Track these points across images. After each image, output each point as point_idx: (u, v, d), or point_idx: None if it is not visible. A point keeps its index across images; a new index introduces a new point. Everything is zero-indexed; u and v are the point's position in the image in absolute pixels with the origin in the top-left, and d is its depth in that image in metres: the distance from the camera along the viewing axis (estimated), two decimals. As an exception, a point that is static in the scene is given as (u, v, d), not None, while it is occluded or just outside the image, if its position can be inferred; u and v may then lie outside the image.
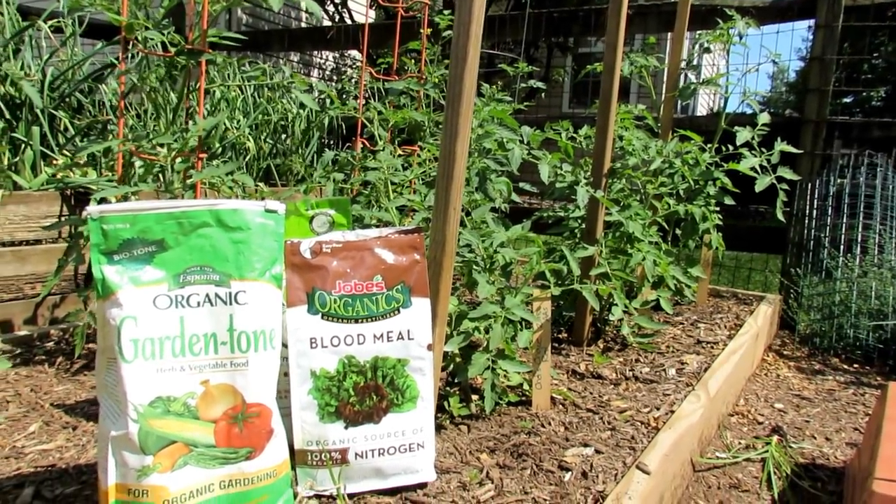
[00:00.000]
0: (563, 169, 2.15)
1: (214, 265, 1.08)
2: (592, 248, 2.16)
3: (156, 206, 1.05)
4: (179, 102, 1.88)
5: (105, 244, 1.02)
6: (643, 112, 2.60)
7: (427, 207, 1.84)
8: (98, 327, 1.06)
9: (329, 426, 1.24)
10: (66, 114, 3.45)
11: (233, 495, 1.09)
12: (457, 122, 1.41)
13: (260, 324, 1.10)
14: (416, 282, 1.31)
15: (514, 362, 1.65)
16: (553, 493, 1.32)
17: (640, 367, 2.11)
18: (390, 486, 1.29)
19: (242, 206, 1.10)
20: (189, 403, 1.05)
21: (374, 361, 1.27)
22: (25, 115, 3.23)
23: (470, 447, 1.50)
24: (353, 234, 1.30)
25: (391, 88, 2.42)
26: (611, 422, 1.67)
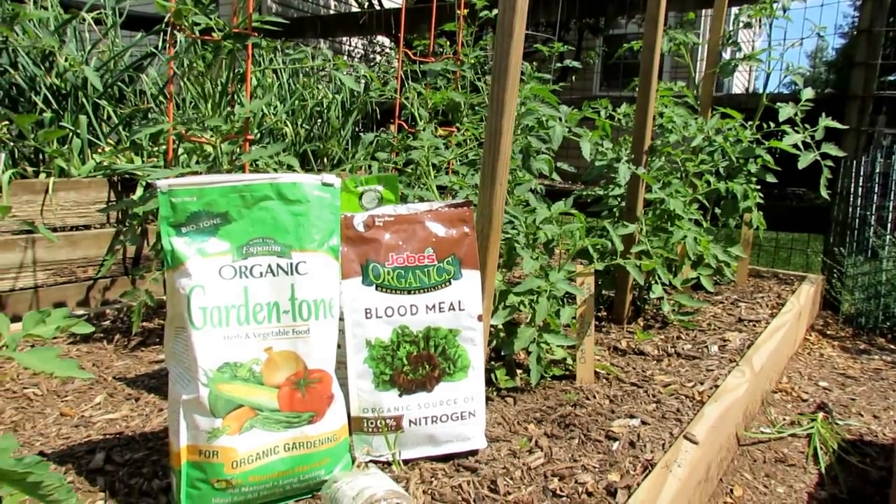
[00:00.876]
0: (603, 146, 2.15)
1: (276, 237, 1.12)
2: (633, 225, 2.17)
3: (220, 179, 1.09)
4: (225, 86, 1.92)
5: (174, 217, 1.07)
6: (683, 89, 2.58)
7: (471, 185, 1.86)
8: (167, 297, 1.11)
9: (384, 394, 1.28)
10: (110, 103, 3.54)
11: (296, 457, 1.13)
12: (503, 98, 1.43)
13: (320, 293, 1.14)
14: (465, 254, 1.34)
15: (558, 336, 1.67)
16: (602, 461, 1.34)
17: (682, 343, 2.11)
18: (443, 453, 1.32)
19: (301, 179, 1.14)
20: (254, 369, 1.10)
21: (426, 331, 1.30)
22: (71, 105, 3.32)
23: (517, 418, 1.53)
24: (404, 208, 1.33)
25: (429, 71, 2.43)
26: (655, 395, 1.69)
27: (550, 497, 1.21)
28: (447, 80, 2.73)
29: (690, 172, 2.45)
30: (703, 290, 2.74)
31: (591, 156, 2.01)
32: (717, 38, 2.65)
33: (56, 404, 1.54)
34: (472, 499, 1.19)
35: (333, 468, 1.18)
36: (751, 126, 2.63)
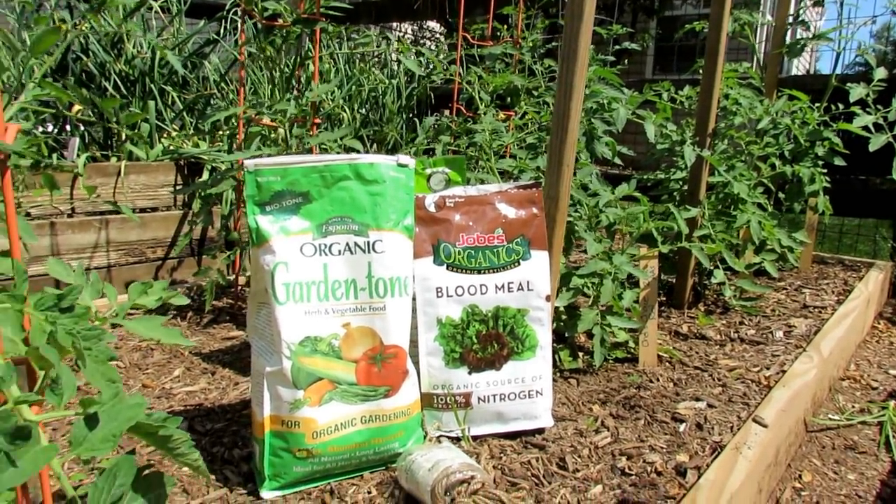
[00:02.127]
0: (668, 128, 2.12)
1: (353, 216, 1.15)
2: (695, 209, 2.14)
3: (302, 160, 1.13)
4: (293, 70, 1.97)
5: (259, 195, 1.11)
6: (749, 70, 2.52)
7: (534, 168, 1.87)
8: (251, 273, 1.16)
9: (454, 371, 1.31)
10: (174, 89, 3.65)
11: (372, 430, 1.17)
12: (572, 80, 1.43)
13: (395, 271, 1.17)
14: (534, 235, 1.35)
15: (622, 318, 1.67)
16: (669, 442, 1.34)
17: (745, 329, 2.09)
18: (510, 430, 1.35)
19: (378, 160, 1.17)
20: (333, 344, 1.14)
21: (495, 311, 1.32)
22: (139, 91, 3.44)
23: (581, 398, 1.54)
24: (474, 189, 1.35)
25: (489, 54, 2.44)
26: (720, 379, 1.67)
27: (619, 475, 1.22)
28: (505, 65, 2.73)
29: (755, 155, 2.40)
30: (764, 276, 2.69)
31: (655, 138, 1.99)
32: (785, 16, 2.57)
33: (138, 377, 1.62)
34: (541, 475, 1.22)
35: (407, 441, 1.21)
36: (818, 108, 2.56)
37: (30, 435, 0.45)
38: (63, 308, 0.56)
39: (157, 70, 3.53)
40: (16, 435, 0.44)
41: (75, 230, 2.54)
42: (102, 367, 0.55)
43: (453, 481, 1.04)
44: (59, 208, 2.52)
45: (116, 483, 0.52)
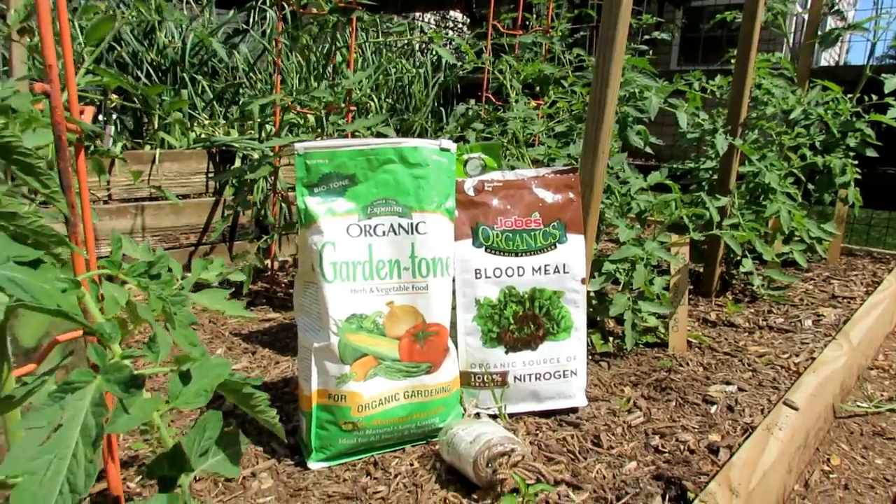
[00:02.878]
0: (700, 117, 2.14)
1: (397, 198, 1.19)
2: (725, 198, 2.15)
3: (349, 143, 1.17)
4: (327, 58, 2.00)
5: (308, 178, 1.15)
6: (782, 60, 2.52)
7: (565, 156, 1.89)
8: (299, 253, 1.20)
9: (491, 350, 1.34)
10: (206, 78, 3.71)
11: (414, 405, 1.21)
12: (608, 68, 1.45)
13: (437, 252, 1.21)
14: (570, 219, 1.38)
15: (653, 303, 1.69)
16: (701, 423, 1.37)
17: (774, 317, 2.10)
18: (545, 409, 1.38)
19: (422, 144, 1.20)
20: (377, 321, 1.18)
21: (531, 292, 1.35)
22: (170, 80, 3.50)
23: (613, 380, 1.57)
24: (511, 174, 1.38)
25: (518, 44, 2.46)
26: (750, 364, 1.69)
27: (653, 452, 1.26)
28: (534, 54, 2.75)
29: (785, 145, 2.40)
30: (792, 267, 2.69)
31: (687, 126, 2.00)
32: (819, 6, 2.56)
33: (182, 354, 1.67)
34: (576, 451, 1.25)
35: (446, 417, 1.25)
36: (851, 98, 2.55)
37: (143, 384, 0.49)
38: (152, 275, 0.60)
39: (188, 59, 3.59)
40: (129, 384, 0.48)
41: (113, 216, 2.61)
42: (185, 331, 0.59)
43: (495, 453, 1.08)
44: (97, 195, 2.59)
45: (205, 435, 0.56)
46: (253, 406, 0.62)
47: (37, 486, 0.42)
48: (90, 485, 0.43)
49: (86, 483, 0.42)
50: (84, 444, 0.44)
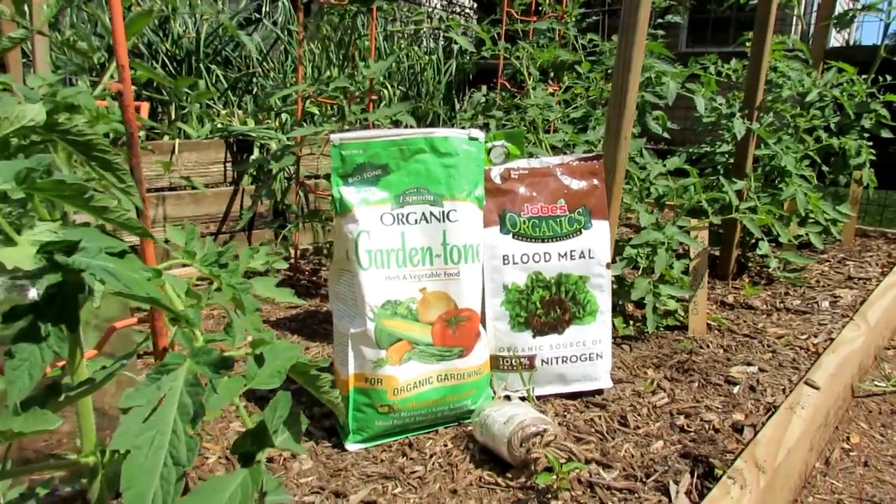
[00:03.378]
0: (717, 102, 2.15)
1: (429, 187, 1.22)
2: (742, 182, 2.17)
3: (382, 134, 1.20)
4: (347, 48, 2.02)
5: (343, 168, 1.18)
6: (796, 43, 2.52)
7: (583, 142, 1.92)
8: (334, 241, 1.24)
9: (519, 335, 1.38)
10: (220, 68, 3.74)
11: (447, 387, 1.25)
12: (630, 53, 1.47)
13: (468, 239, 1.24)
14: (595, 205, 1.41)
15: (674, 287, 1.72)
16: (724, 402, 1.41)
17: (791, 299, 2.12)
18: (571, 391, 1.42)
19: (452, 133, 1.23)
20: (411, 307, 1.21)
21: (558, 277, 1.38)
22: (186, 71, 3.53)
23: (635, 363, 1.61)
24: (537, 162, 1.41)
25: (530, 30, 2.47)
26: (769, 345, 1.72)
27: (679, 432, 1.29)
28: (548, 39, 2.76)
29: (801, 128, 2.41)
30: (806, 249, 2.71)
31: (705, 111, 2.02)
32: (833, -13, 2.56)
33: (213, 341, 1.71)
34: (604, 431, 1.29)
35: (478, 399, 1.29)
36: (865, 80, 2.55)
37: (232, 365, 0.52)
38: (221, 264, 0.64)
39: (202, 49, 3.61)
40: (219, 365, 0.52)
41: (136, 205, 2.65)
42: (253, 317, 0.62)
43: (528, 433, 1.12)
44: (121, 185, 2.62)
45: (276, 415, 0.60)
46: (318, 387, 0.66)
47: (143, 459, 0.46)
48: (192, 458, 0.46)
49: (188, 456, 0.46)
50: (182, 420, 0.48)
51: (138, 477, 0.45)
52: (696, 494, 1.10)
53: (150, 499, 0.45)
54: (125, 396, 0.49)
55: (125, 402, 0.49)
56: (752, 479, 1.09)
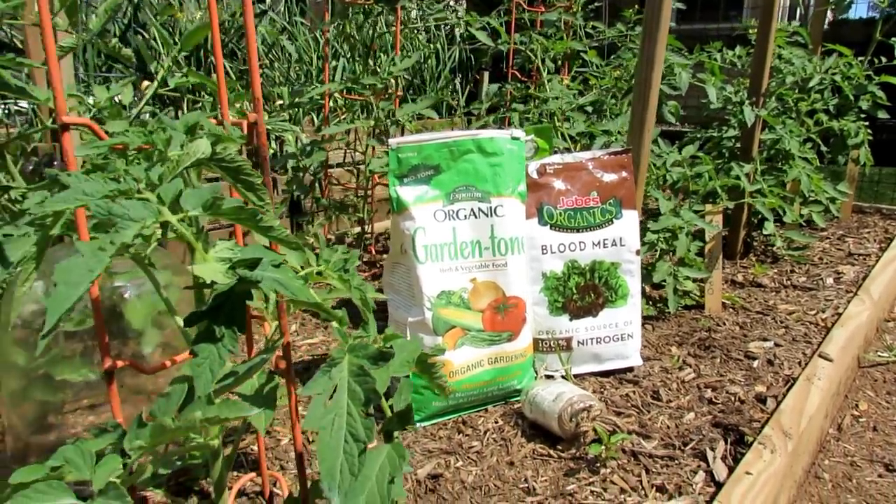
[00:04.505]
0: (727, 90, 2.25)
1: (476, 184, 1.32)
2: (748, 165, 2.27)
3: (433, 137, 1.29)
4: (369, 45, 2.10)
5: (399, 169, 1.28)
6: (798, 29, 2.62)
7: (602, 131, 2.01)
8: (391, 236, 1.33)
9: (556, 319, 1.48)
10: (227, 60, 3.79)
11: (497, 370, 1.35)
12: (653, 51, 1.57)
13: (514, 232, 1.34)
14: (625, 196, 1.51)
15: (692, 269, 1.83)
16: (746, 376, 1.52)
17: (797, 276, 2.24)
18: (605, 369, 1.53)
19: (496, 134, 1.33)
20: (463, 296, 1.31)
21: (592, 265, 1.49)
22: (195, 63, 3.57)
23: (659, 341, 1.72)
24: (570, 157, 1.51)
25: (545, 20, 2.55)
26: (781, 321, 1.84)
27: (707, 404, 1.41)
28: (556, 29, 2.83)
29: (802, 112, 2.52)
30: (807, 227, 2.83)
31: (717, 100, 2.12)
32: (832, -26, 2.65)
33: (260, 332, 1.81)
34: (639, 405, 1.40)
35: (523, 379, 1.40)
36: (861, 62, 2.66)
37: (389, 358, 0.62)
38: (346, 269, 0.73)
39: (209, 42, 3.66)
40: (377, 358, 0.61)
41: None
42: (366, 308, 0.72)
43: (577, 409, 1.23)
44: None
45: (402, 398, 0.69)
46: (433, 373, 0.76)
47: (328, 438, 0.56)
48: (370, 437, 0.56)
49: (366, 434, 0.56)
50: (354, 405, 0.57)
51: (326, 453, 0.55)
52: (730, 459, 1.21)
53: (338, 469, 0.54)
54: (306, 387, 0.58)
55: (306, 391, 0.58)
56: (781, 445, 1.20)
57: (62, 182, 0.59)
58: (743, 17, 6.86)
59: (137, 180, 0.58)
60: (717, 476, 1.16)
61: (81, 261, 0.51)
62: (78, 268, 0.51)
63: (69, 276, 0.50)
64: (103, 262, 0.51)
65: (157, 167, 0.59)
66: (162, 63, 1.59)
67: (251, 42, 0.73)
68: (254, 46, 0.73)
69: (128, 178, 0.57)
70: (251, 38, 0.73)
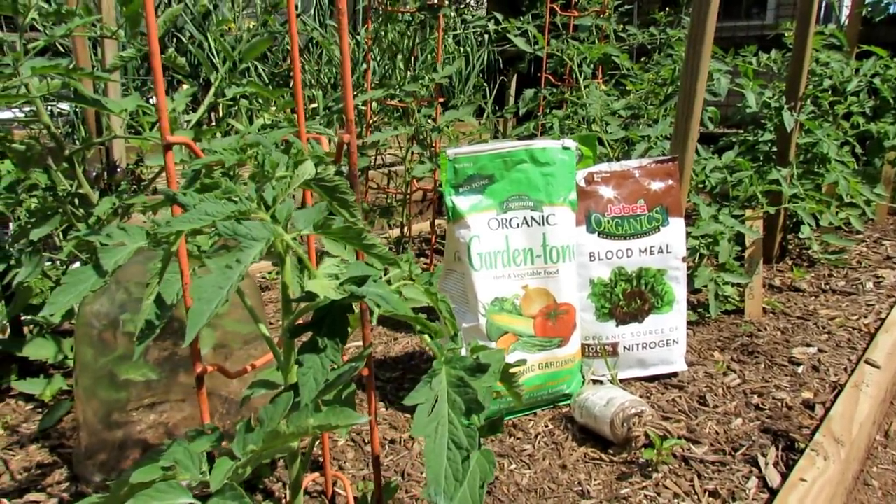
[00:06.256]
0: (766, 95, 2.25)
1: (529, 194, 1.34)
2: (785, 169, 2.28)
3: (488, 148, 1.32)
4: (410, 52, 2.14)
5: (455, 179, 1.31)
6: (835, 32, 2.62)
7: (641, 137, 2.03)
8: (446, 244, 1.36)
9: (603, 324, 1.51)
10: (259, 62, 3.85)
11: (547, 374, 1.38)
12: (698, 63, 1.59)
13: (565, 240, 1.37)
14: (671, 203, 1.53)
15: (733, 274, 1.85)
16: (791, 382, 1.54)
17: (835, 280, 2.25)
18: (650, 374, 1.55)
19: (549, 144, 1.35)
20: (515, 303, 1.34)
21: (638, 271, 1.51)
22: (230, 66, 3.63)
23: (701, 346, 1.74)
24: (617, 165, 1.53)
25: (580, 25, 2.57)
26: (824, 327, 1.85)
27: (754, 410, 1.43)
28: (589, 34, 2.85)
29: (839, 114, 2.51)
30: (841, 230, 2.82)
31: (757, 106, 2.13)
32: (869, -23, 2.64)
33: (305, 333, 1.85)
34: (686, 410, 1.42)
35: (571, 384, 1.43)
36: None
37: (485, 370, 0.65)
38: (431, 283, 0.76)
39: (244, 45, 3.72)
40: (475, 370, 0.64)
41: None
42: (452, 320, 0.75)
43: (629, 414, 1.25)
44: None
45: (485, 406, 0.73)
46: (513, 383, 0.79)
47: (433, 445, 0.59)
48: (474, 444, 0.59)
49: (469, 442, 0.59)
50: (455, 414, 0.61)
51: (432, 459, 0.58)
52: (782, 466, 1.23)
53: (443, 475, 0.58)
54: (409, 396, 0.62)
55: (410, 401, 0.62)
56: (834, 451, 1.22)
57: (180, 201, 0.63)
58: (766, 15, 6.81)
59: (251, 199, 0.62)
60: (769, 482, 1.18)
61: (212, 278, 0.55)
62: (209, 286, 0.54)
63: (202, 293, 0.54)
64: (231, 280, 0.55)
65: (270, 189, 0.63)
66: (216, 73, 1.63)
67: (345, 60, 0.76)
68: (348, 65, 0.77)
69: (243, 199, 0.61)
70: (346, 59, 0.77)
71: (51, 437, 1.37)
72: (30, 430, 1.39)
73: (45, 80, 1.43)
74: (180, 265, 0.77)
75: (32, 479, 1.24)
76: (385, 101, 2.08)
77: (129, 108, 1.51)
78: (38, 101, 1.44)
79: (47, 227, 1.44)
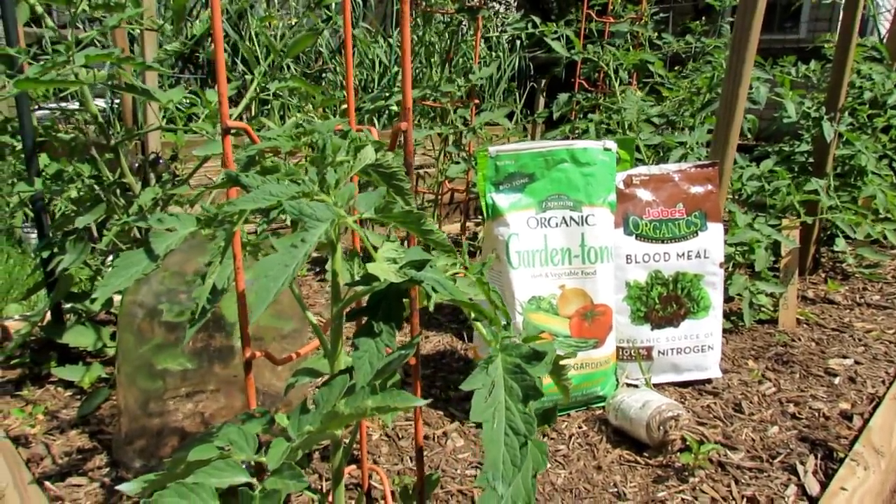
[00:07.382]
0: (805, 105, 2.23)
1: (568, 193, 1.34)
2: (822, 181, 2.25)
3: (529, 146, 1.32)
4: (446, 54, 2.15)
5: (496, 177, 1.31)
6: (877, 45, 2.59)
7: (678, 143, 2.02)
8: (484, 242, 1.37)
9: (638, 328, 1.50)
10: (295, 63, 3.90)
11: (583, 375, 1.38)
12: (741, 70, 1.58)
13: (603, 241, 1.36)
14: (710, 208, 1.52)
15: (768, 283, 1.83)
16: (828, 392, 1.52)
17: (870, 294, 2.21)
18: (684, 380, 1.54)
19: (590, 145, 1.35)
20: (552, 302, 1.34)
21: (675, 276, 1.50)
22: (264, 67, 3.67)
23: (735, 354, 1.72)
24: (657, 168, 1.52)
25: (617, 31, 2.57)
26: (859, 339, 1.82)
27: (791, 419, 1.41)
28: (625, 40, 2.85)
29: (878, 128, 2.48)
30: (877, 244, 2.78)
31: (796, 116, 2.11)
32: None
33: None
34: (722, 416, 1.41)
35: (606, 386, 1.42)
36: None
37: (542, 357, 0.66)
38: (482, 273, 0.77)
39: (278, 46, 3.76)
40: (531, 357, 0.65)
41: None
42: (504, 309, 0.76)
43: (665, 417, 1.25)
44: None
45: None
46: (562, 376, 0.79)
47: (490, 431, 0.59)
48: (532, 430, 0.60)
49: (527, 428, 0.60)
50: (512, 400, 0.61)
51: (490, 445, 0.59)
52: (821, 474, 1.22)
53: (500, 461, 0.58)
54: (466, 382, 0.62)
55: (467, 386, 0.62)
56: (874, 462, 1.20)
57: (242, 182, 0.64)
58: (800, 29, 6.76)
59: (313, 182, 0.63)
60: (809, 490, 1.16)
61: (277, 257, 0.55)
62: (275, 264, 0.55)
63: (268, 271, 0.55)
64: (297, 259, 0.55)
65: (332, 172, 0.64)
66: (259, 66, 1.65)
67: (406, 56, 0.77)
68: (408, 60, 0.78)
69: (306, 181, 0.62)
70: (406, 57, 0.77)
71: (90, 423, 1.39)
72: (69, 416, 1.41)
73: (90, 71, 1.46)
74: (234, 250, 0.79)
75: (73, 463, 1.26)
76: (419, 101, 2.09)
77: (175, 99, 1.54)
78: (86, 90, 1.48)
79: (92, 214, 1.46)
